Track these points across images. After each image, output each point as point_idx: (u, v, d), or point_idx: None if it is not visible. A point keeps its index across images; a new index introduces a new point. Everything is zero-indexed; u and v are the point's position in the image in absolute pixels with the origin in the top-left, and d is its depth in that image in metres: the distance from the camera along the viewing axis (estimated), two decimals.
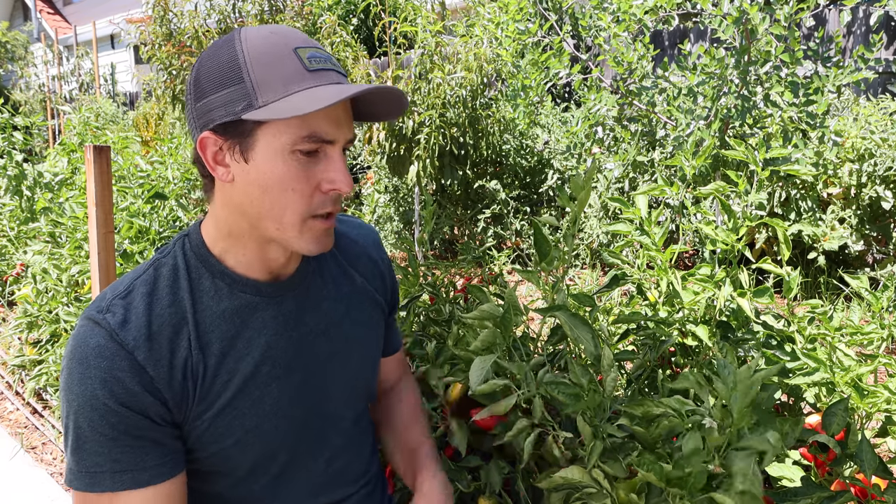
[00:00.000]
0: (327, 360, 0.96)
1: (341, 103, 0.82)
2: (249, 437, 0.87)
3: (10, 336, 3.22)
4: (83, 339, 0.80)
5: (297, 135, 0.79)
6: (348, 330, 0.99)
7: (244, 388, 0.86)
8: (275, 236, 0.84)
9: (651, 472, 0.83)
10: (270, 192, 0.80)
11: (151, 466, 0.80)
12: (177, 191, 3.41)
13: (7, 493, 2.18)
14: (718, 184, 1.27)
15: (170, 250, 0.89)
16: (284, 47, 0.79)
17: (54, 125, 9.90)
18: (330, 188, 0.82)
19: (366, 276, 1.05)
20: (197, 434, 0.84)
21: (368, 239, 1.10)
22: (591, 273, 4.14)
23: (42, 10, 15.03)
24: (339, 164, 0.82)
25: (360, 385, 1.03)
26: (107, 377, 0.77)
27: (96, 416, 0.78)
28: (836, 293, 3.48)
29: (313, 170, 0.81)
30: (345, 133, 0.83)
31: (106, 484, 0.79)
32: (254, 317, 0.88)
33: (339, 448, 1.00)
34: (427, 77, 3.83)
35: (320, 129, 0.80)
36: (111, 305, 0.82)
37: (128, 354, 0.78)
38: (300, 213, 0.82)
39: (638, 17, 3.11)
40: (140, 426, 0.79)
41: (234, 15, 4.78)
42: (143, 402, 0.79)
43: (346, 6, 7.68)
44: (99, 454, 0.79)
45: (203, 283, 0.86)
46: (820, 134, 2.86)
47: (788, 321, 1.30)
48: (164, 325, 0.82)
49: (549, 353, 1.29)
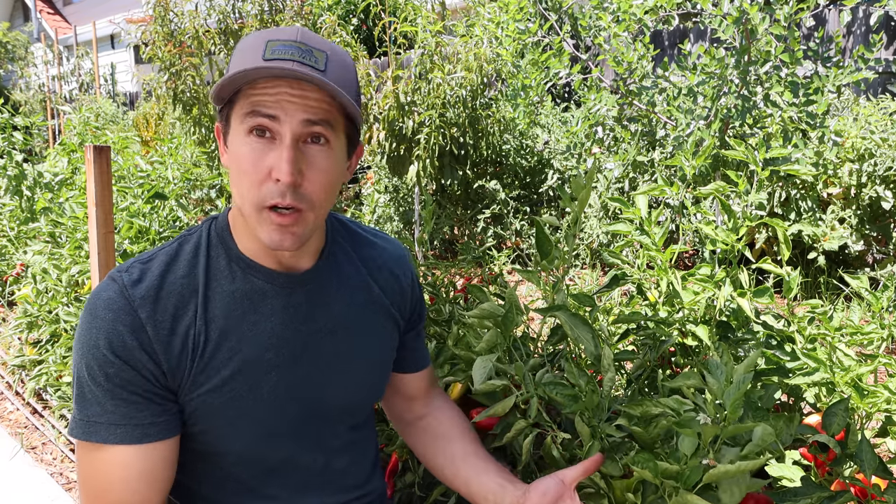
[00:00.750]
0: (332, 360, 0.96)
1: (289, 83, 0.80)
2: (242, 421, 0.88)
3: (10, 336, 3.22)
4: (98, 292, 0.84)
5: (244, 112, 0.81)
6: (357, 336, 0.99)
7: (243, 370, 0.87)
8: (248, 222, 0.86)
9: (646, 470, 0.83)
10: (234, 174, 0.84)
11: (143, 424, 0.83)
12: (177, 191, 3.41)
13: (7, 493, 2.18)
14: (718, 184, 1.27)
15: (198, 229, 0.93)
16: (262, 40, 0.82)
17: (54, 125, 9.91)
18: (275, 176, 0.81)
19: (384, 289, 1.04)
20: (193, 406, 0.86)
21: (393, 254, 1.08)
22: (591, 273, 4.14)
23: (42, 10, 15.04)
24: (285, 152, 0.80)
25: (363, 392, 1.02)
26: (109, 329, 0.81)
27: (95, 366, 0.81)
28: (836, 293, 3.48)
29: (266, 156, 0.81)
30: (292, 114, 0.80)
31: (101, 434, 0.82)
32: (263, 303, 0.90)
33: (335, 451, 0.99)
34: (427, 77, 3.83)
35: (259, 103, 0.80)
36: (131, 266, 0.87)
37: (132, 310, 0.82)
38: (253, 200, 0.82)
39: (638, 16, 3.11)
40: (134, 381, 0.82)
41: (234, 15, 4.78)
42: (137, 359, 0.82)
43: (346, 6, 7.68)
44: (97, 404, 0.82)
45: (220, 263, 0.90)
46: (820, 134, 2.86)
47: (788, 321, 1.30)
48: (173, 292, 0.85)
49: (549, 353, 1.29)
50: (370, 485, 1.06)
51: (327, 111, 0.83)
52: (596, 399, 0.99)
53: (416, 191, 4.33)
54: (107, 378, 0.81)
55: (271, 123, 0.80)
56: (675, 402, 0.91)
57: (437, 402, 1.17)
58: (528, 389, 1.06)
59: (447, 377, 1.35)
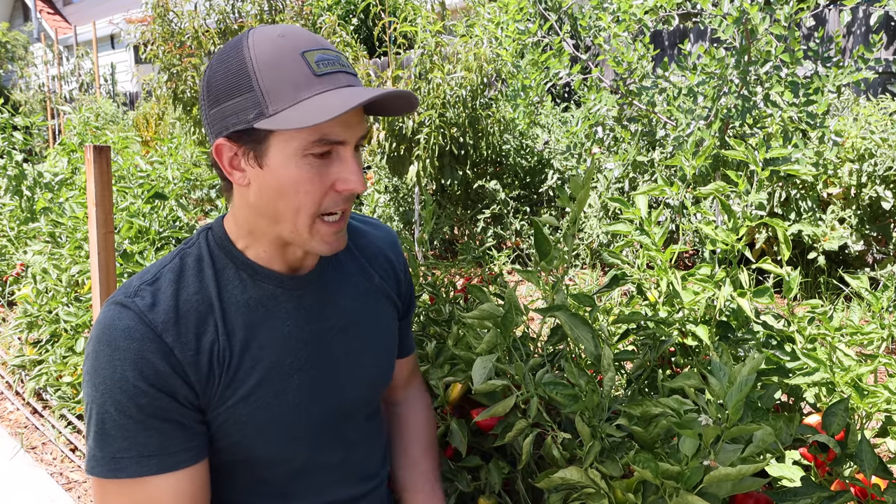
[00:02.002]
0: (345, 356, 0.97)
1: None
2: (271, 428, 0.88)
3: (10, 336, 3.22)
4: (111, 322, 0.81)
5: (308, 140, 0.80)
6: (366, 328, 1.00)
7: (268, 378, 0.87)
8: (289, 238, 0.86)
9: (647, 470, 0.83)
10: (285, 195, 0.82)
11: (177, 451, 0.81)
12: (177, 191, 3.41)
13: (7, 493, 2.18)
14: (718, 184, 1.27)
15: (194, 241, 0.92)
16: (292, 51, 0.80)
17: (54, 125, 9.90)
18: (344, 188, 0.83)
19: (382, 276, 1.06)
20: (220, 421, 0.85)
21: (386, 239, 1.10)
22: (591, 273, 4.14)
23: (42, 10, 15.03)
24: (353, 165, 0.83)
25: (377, 382, 1.04)
26: (137, 358, 0.78)
27: (125, 398, 0.78)
28: (836, 293, 3.48)
29: (327, 171, 0.82)
30: (355, 132, 0.83)
31: (132, 469, 0.79)
32: (277, 307, 0.90)
33: (354, 444, 1.01)
34: (427, 77, 3.83)
35: (331, 133, 0.81)
36: (139, 290, 0.84)
37: (156, 336, 0.80)
38: (311, 213, 0.83)
39: (638, 16, 3.11)
40: (168, 408, 0.80)
41: (233, 15, 4.78)
42: (171, 384, 0.80)
43: (346, 6, 7.68)
44: (125, 438, 0.79)
45: (227, 273, 0.89)
46: (820, 134, 2.86)
47: (788, 321, 1.30)
48: (190, 310, 0.84)
49: (549, 353, 1.29)
50: (384, 470, 1.09)
51: (366, 124, 0.87)
52: (596, 399, 0.99)
53: (416, 191, 4.32)
54: (139, 409, 0.78)
55: (337, 147, 0.82)
56: (675, 402, 0.91)
57: (412, 392, 1.20)
58: (528, 389, 1.06)
59: (447, 377, 1.35)
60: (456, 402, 1.35)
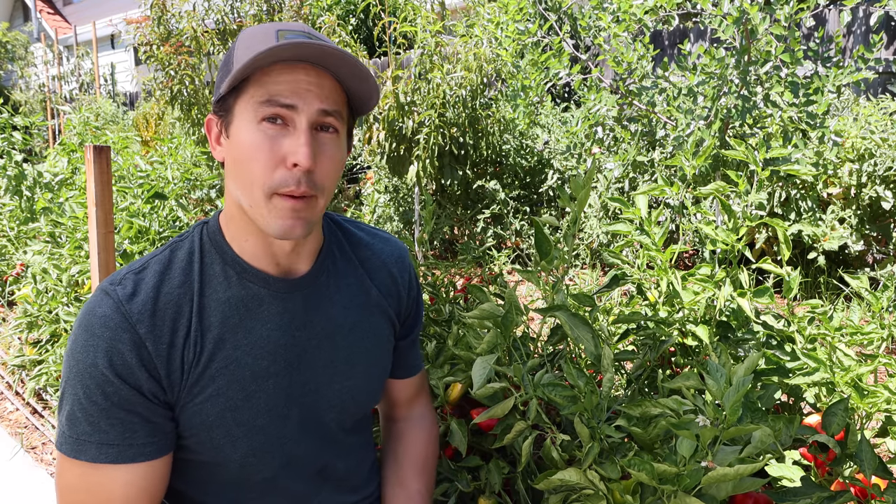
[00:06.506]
0: (329, 365, 0.94)
1: (305, 71, 0.81)
2: (240, 431, 0.86)
3: (10, 336, 3.22)
4: (92, 308, 0.82)
5: (258, 100, 0.80)
6: (355, 340, 0.97)
7: (239, 379, 0.86)
8: (250, 215, 0.84)
9: (642, 472, 0.83)
10: (241, 164, 0.82)
11: (139, 444, 0.81)
12: (177, 191, 3.41)
13: (7, 493, 2.18)
14: (718, 184, 1.27)
15: (189, 234, 0.91)
16: (269, 29, 0.83)
17: (54, 125, 9.90)
18: (292, 160, 0.80)
19: (382, 291, 1.02)
20: (187, 417, 0.84)
21: (392, 254, 1.06)
22: (591, 273, 4.14)
23: (42, 10, 15.03)
24: (302, 137, 0.80)
25: (361, 397, 1.00)
26: (108, 347, 0.79)
27: (93, 385, 0.79)
28: (836, 293, 3.48)
29: (279, 142, 0.80)
30: (308, 102, 0.81)
31: (91, 454, 0.79)
32: (259, 309, 0.88)
33: (334, 456, 0.98)
34: (427, 77, 3.83)
35: (278, 94, 0.80)
36: (124, 279, 0.84)
37: (130, 327, 0.80)
38: (263, 186, 0.81)
39: (638, 17, 3.11)
40: (132, 400, 0.80)
41: (232, 15, 4.78)
42: (137, 377, 0.80)
43: (346, 6, 7.68)
44: (90, 423, 0.80)
45: (214, 269, 0.88)
46: (820, 134, 2.86)
47: (788, 321, 1.30)
48: (169, 303, 0.83)
49: (548, 353, 1.29)
50: (368, 488, 1.06)
51: (338, 101, 0.84)
52: (595, 400, 0.99)
53: (416, 191, 4.32)
54: (105, 397, 0.79)
55: (288, 112, 0.80)
56: (674, 402, 0.91)
57: (417, 412, 1.15)
58: (528, 391, 1.05)
59: (447, 377, 1.35)
60: (456, 402, 1.35)
